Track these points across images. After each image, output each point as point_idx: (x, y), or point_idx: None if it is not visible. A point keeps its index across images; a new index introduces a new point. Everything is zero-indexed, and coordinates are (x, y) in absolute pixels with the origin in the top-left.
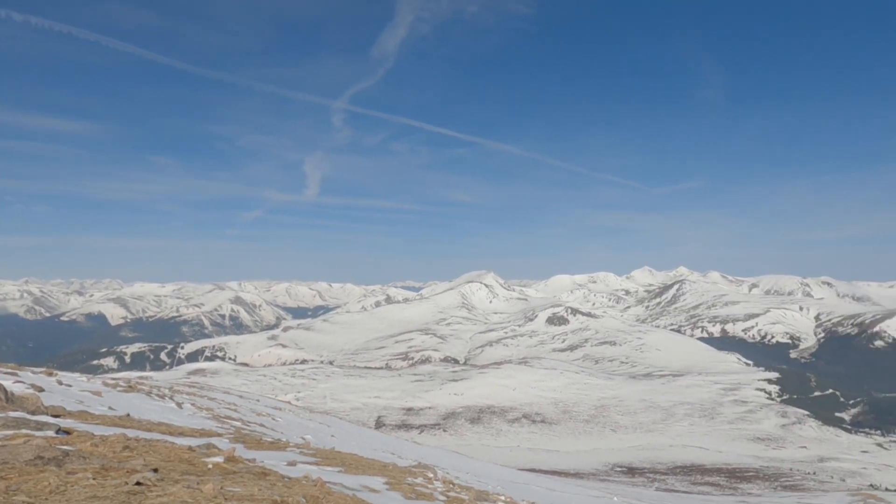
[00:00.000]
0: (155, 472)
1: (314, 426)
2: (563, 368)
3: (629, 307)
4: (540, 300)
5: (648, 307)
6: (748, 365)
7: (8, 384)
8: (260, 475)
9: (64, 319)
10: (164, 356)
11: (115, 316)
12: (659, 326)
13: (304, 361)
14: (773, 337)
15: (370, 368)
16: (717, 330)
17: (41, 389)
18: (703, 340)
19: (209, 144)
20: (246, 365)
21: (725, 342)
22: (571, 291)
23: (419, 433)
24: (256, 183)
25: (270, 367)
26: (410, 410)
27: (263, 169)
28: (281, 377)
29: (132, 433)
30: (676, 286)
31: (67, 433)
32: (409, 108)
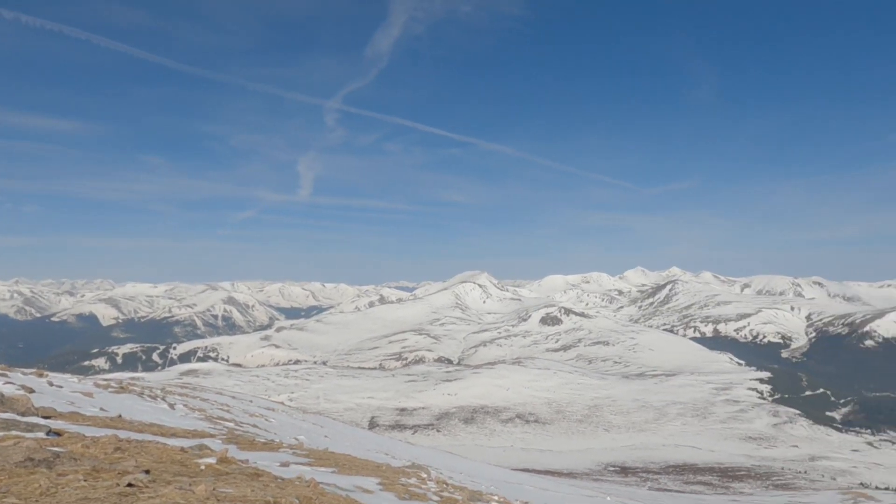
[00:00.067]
0: (147, 473)
1: (307, 427)
2: (556, 368)
3: (622, 307)
4: (533, 300)
5: (641, 307)
6: (740, 365)
7: None
8: (253, 476)
9: (55, 320)
10: (156, 357)
11: (106, 316)
12: (652, 326)
13: (297, 362)
14: (764, 337)
15: (364, 369)
16: (709, 330)
17: (31, 391)
18: (695, 340)
19: (201, 144)
20: (239, 366)
21: (717, 342)
22: (565, 291)
23: (413, 433)
24: (249, 183)
25: (263, 367)
26: (404, 411)
27: (256, 169)
28: (274, 378)
29: (124, 434)
30: (669, 286)
31: (58, 435)
32: (402, 108)
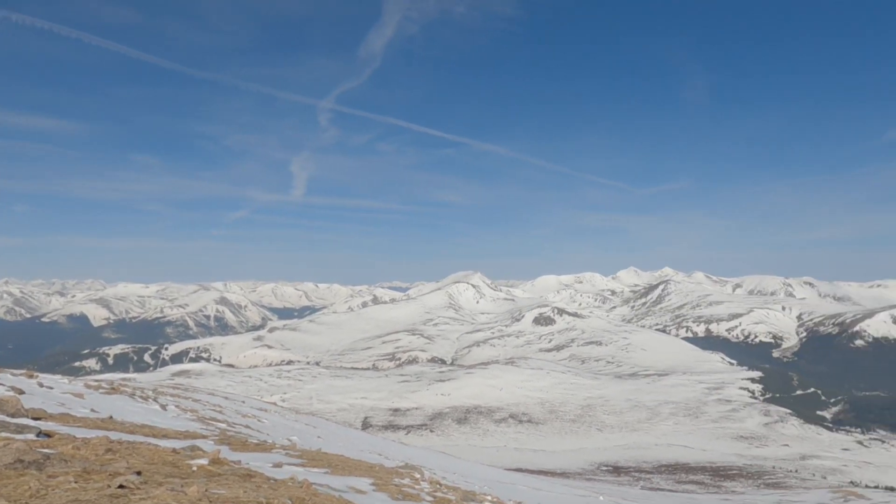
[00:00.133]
0: (138, 474)
1: (300, 427)
2: (549, 368)
3: (615, 307)
4: (527, 300)
5: (634, 307)
6: (732, 364)
7: None
8: (245, 477)
9: (45, 321)
10: (147, 357)
11: (97, 317)
12: (644, 326)
13: (290, 362)
14: (756, 336)
15: (357, 369)
16: (701, 330)
17: (21, 392)
18: (687, 340)
19: (194, 144)
20: (231, 366)
21: (710, 342)
22: (558, 292)
23: (406, 434)
24: (242, 183)
25: (256, 368)
26: (397, 411)
27: (249, 168)
28: (267, 378)
29: (115, 436)
30: (662, 286)
31: (48, 436)
32: (396, 108)
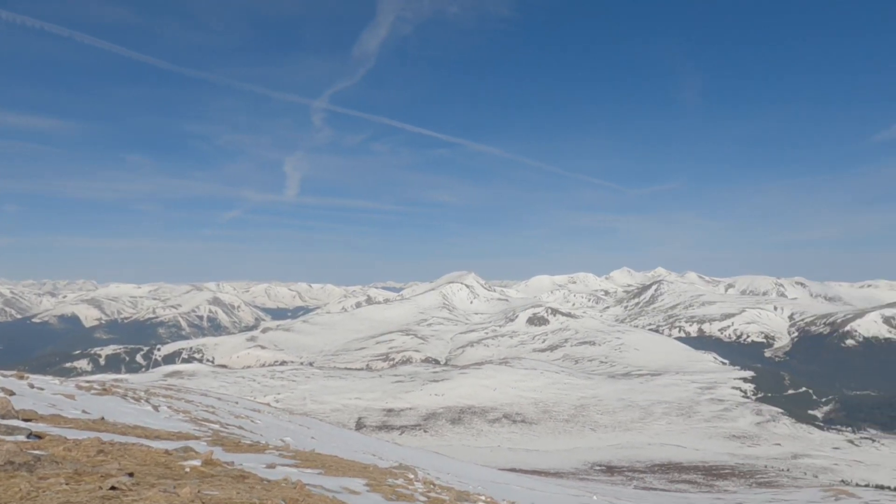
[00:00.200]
0: (130, 476)
1: (294, 428)
2: (543, 368)
3: (608, 307)
4: (520, 300)
5: (627, 307)
6: (724, 364)
7: None
8: (238, 478)
9: (36, 321)
10: (139, 358)
11: (88, 317)
12: (637, 326)
13: (283, 363)
14: (748, 336)
15: (350, 370)
16: (694, 329)
17: (12, 393)
18: (680, 340)
19: (186, 143)
20: (224, 367)
21: (702, 342)
22: (551, 292)
23: (400, 434)
24: (235, 183)
25: (249, 368)
26: (391, 411)
27: (242, 168)
28: (260, 379)
29: (107, 437)
30: (655, 286)
31: (39, 437)
32: (390, 108)
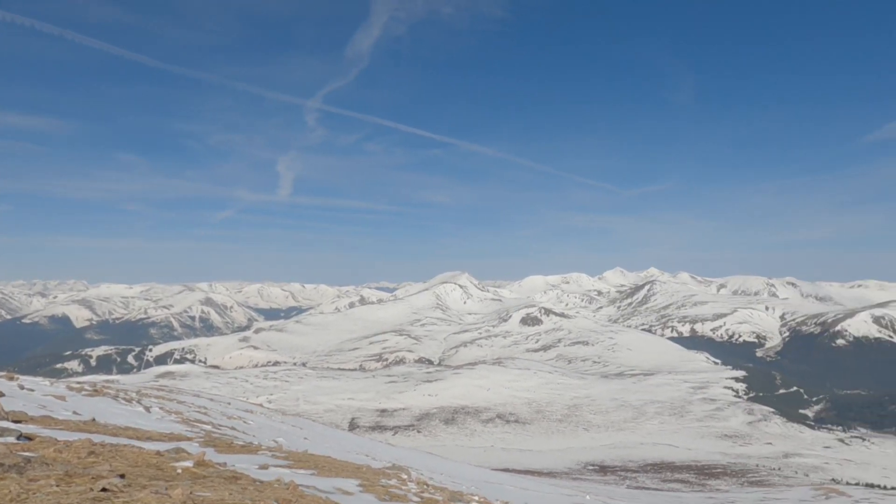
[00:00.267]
0: (121, 477)
1: (287, 429)
2: (536, 368)
3: (601, 307)
4: (514, 301)
5: (620, 307)
6: (716, 364)
7: None
8: (231, 479)
9: (26, 322)
10: (131, 359)
11: (79, 318)
12: (630, 326)
13: (276, 363)
14: (740, 336)
15: (344, 370)
16: (686, 329)
17: (1, 394)
18: (673, 340)
19: (179, 143)
20: (216, 367)
21: (694, 341)
22: (545, 292)
23: (393, 434)
24: (228, 182)
25: (242, 369)
26: (384, 412)
27: (235, 168)
28: (253, 379)
29: (98, 438)
30: (647, 286)
31: (29, 439)
32: (383, 108)
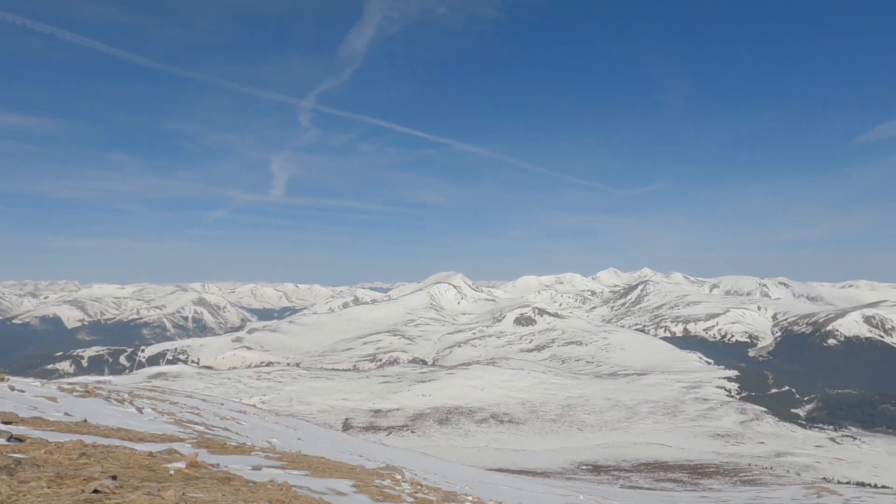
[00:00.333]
0: (113, 479)
1: (280, 429)
2: (530, 369)
3: (595, 307)
4: (508, 301)
5: (614, 307)
6: (709, 363)
7: None
8: (224, 480)
9: (17, 322)
10: (123, 360)
11: (71, 318)
12: (624, 326)
13: (269, 364)
14: (732, 336)
15: (337, 370)
16: (679, 329)
17: None
18: (666, 340)
19: (172, 142)
20: (209, 368)
21: (687, 341)
22: (538, 292)
23: (387, 435)
24: (221, 182)
25: (235, 369)
26: (378, 412)
27: (228, 168)
28: (246, 380)
29: (89, 439)
30: (641, 287)
31: (20, 440)
32: (377, 108)
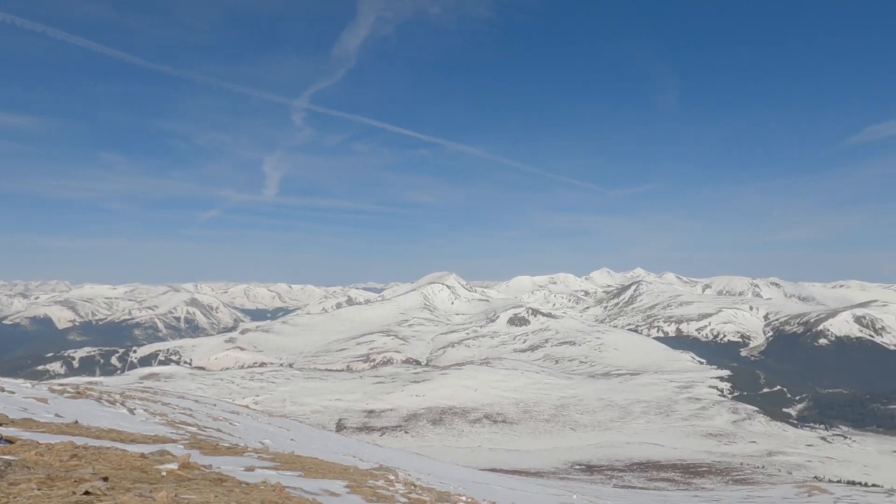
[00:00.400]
0: (105, 480)
1: (273, 430)
2: (523, 369)
3: (588, 308)
4: (501, 301)
5: (607, 307)
6: (701, 363)
7: None
8: (216, 481)
9: (7, 323)
10: (115, 360)
11: (62, 319)
12: (617, 326)
13: (262, 364)
14: (724, 336)
15: (331, 371)
16: (672, 329)
17: None
18: (658, 340)
19: (164, 142)
20: (202, 369)
21: (680, 341)
22: (532, 292)
23: (381, 435)
24: (213, 182)
25: (228, 370)
26: (372, 413)
27: (221, 168)
28: (239, 381)
29: (80, 441)
30: (634, 287)
31: (10, 442)
32: (370, 108)
